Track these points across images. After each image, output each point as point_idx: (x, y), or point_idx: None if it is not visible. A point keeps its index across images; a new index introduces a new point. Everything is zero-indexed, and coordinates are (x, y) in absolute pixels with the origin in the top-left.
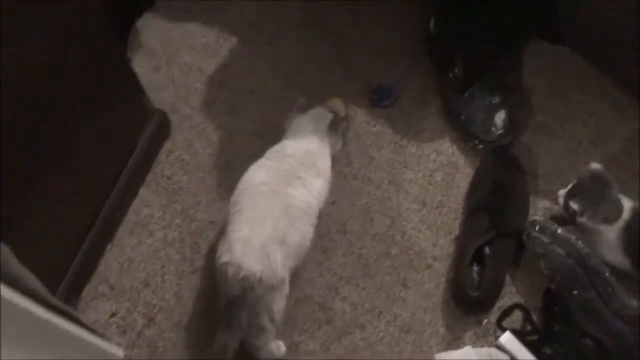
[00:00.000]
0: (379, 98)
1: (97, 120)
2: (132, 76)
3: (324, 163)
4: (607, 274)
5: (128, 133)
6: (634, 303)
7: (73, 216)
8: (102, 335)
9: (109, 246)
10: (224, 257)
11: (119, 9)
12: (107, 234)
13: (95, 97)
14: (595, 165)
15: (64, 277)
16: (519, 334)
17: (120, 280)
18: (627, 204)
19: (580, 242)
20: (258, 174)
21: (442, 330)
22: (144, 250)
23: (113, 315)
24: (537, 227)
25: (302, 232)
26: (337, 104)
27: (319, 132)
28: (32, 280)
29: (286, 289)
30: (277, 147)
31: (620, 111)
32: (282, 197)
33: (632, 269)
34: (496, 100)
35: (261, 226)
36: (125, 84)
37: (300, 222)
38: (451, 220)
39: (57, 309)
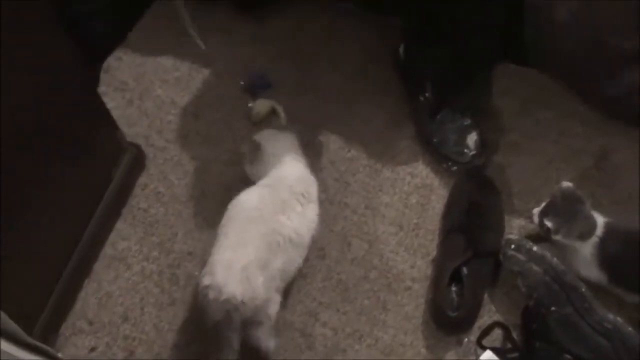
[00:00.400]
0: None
1: (71, 157)
2: (104, 111)
3: (315, 187)
4: (583, 290)
5: (102, 168)
6: (611, 317)
7: (49, 252)
8: None
9: (86, 281)
10: (205, 280)
11: (90, 44)
12: (84, 269)
13: (67, 134)
14: (566, 184)
15: (41, 314)
16: (499, 352)
17: (98, 315)
18: (600, 220)
19: (555, 259)
20: (251, 198)
21: (423, 351)
22: (122, 284)
23: (92, 350)
24: (512, 246)
25: (286, 260)
26: (262, 105)
27: (299, 156)
28: (6, 320)
29: (275, 304)
30: (272, 176)
31: (588, 127)
32: (270, 224)
33: (608, 284)
34: (467, 122)
35: (244, 250)
36: (97, 119)
37: (285, 251)
38: (428, 241)
39: (34, 349)
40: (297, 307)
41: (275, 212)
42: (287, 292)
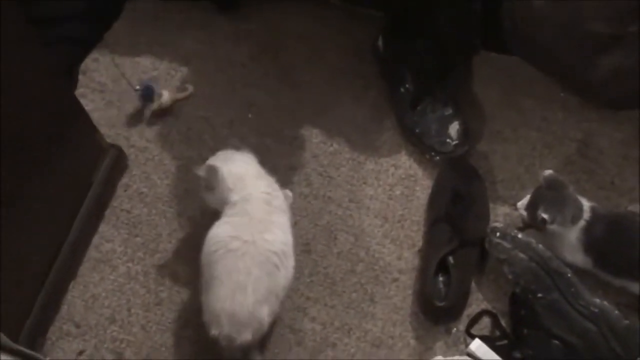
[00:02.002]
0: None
1: (50, 160)
2: (82, 114)
3: (282, 199)
4: (569, 275)
5: (83, 170)
6: (598, 301)
7: (32, 257)
8: None
9: (71, 284)
10: (213, 330)
11: (66, 46)
12: (69, 272)
13: (46, 138)
14: (547, 172)
15: (26, 319)
16: (488, 340)
17: (85, 317)
18: (585, 204)
19: (540, 245)
20: (224, 229)
21: (412, 342)
22: (108, 286)
23: (81, 353)
24: (497, 234)
25: (286, 275)
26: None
27: (258, 171)
28: None
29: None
30: (237, 201)
31: (570, 113)
32: (257, 248)
33: (593, 268)
34: (449, 111)
35: (243, 294)
36: (76, 122)
37: (282, 266)
38: (414, 232)
39: (20, 354)
40: (285, 303)
41: (260, 232)
42: None
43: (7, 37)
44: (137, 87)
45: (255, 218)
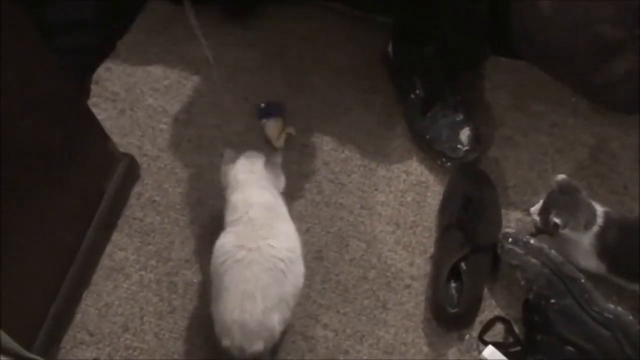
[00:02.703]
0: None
1: (63, 170)
2: (95, 123)
3: (284, 208)
4: (582, 280)
5: (96, 179)
6: (611, 307)
7: (46, 266)
8: None
9: (85, 293)
10: (224, 341)
11: (79, 55)
12: (83, 281)
13: (59, 147)
14: (560, 176)
15: (40, 328)
16: (501, 347)
17: (99, 326)
18: (599, 209)
19: (553, 251)
20: (229, 240)
21: (425, 349)
22: (121, 294)
23: None
24: (509, 239)
25: (294, 282)
26: (273, 128)
27: (263, 179)
28: (4, 338)
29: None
30: (234, 213)
31: (581, 118)
32: (263, 254)
33: (607, 274)
34: (459, 117)
35: (252, 303)
36: (88, 131)
37: (290, 272)
38: (426, 239)
39: None
40: (297, 310)
41: (264, 239)
42: None
43: (19, 47)
44: (262, 105)
45: (258, 224)
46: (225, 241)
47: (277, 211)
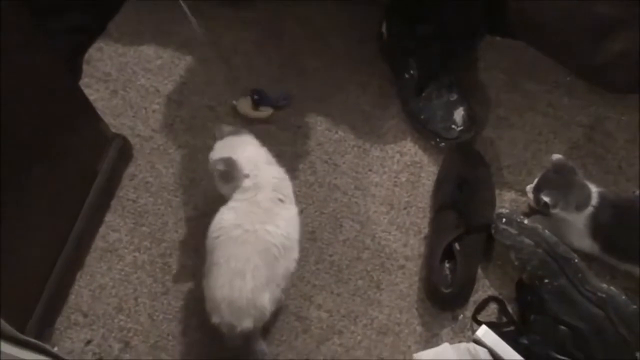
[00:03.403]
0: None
1: (55, 151)
2: (87, 103)
3: (290, 188)
4: (576, 260)
5: (88, 160)
6: (604, 286)
7: (39, 247)
8: None
9: (79, 274)
10: (214, 318)
11: (70, 35)
12: (76, 262)
13: (51, 129)
14: (557, 156)
15: (34, 310)
16: (495, 327)
17: (93, 307)
18: (593, 190)
19: (547, 231)
20: (228, 216)
21: (419, 329)
22: (114, 276)
23: (88, 342)
24: (503, 220)
25: (285, 265)
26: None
27: (264, 154)
28: None
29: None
30: (245, 191)
31: (576, 98)
32: (261, 238)
33: (601, 254)
34: (454, 97)
35: (241, 280)
36: (80, 112)
37: (282, 257)
38: (420, 219)
39: (28, 345)
40: (291, 291)
41: (262, 223)
42: None
43: (10, 28)
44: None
45: (262, 207)
46: (224, 217)
47: (283, 190)
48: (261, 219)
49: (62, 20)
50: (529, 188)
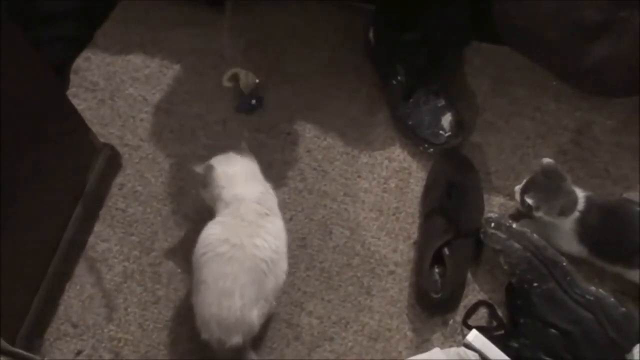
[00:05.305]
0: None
1: (43, 161)
2: (74, 113)
3: (275, 202)
4: (564, 264)
5: (77, 170)
6: (593, 289)
7: (27, 258)
8: None
9: (68, 285)
10: (203, 334)
11: (58, 45)
12: (65, 273)
13: (39, 139)
14: (547, 160)
15: (23, 321)
16: (485, 331)
17: (82, 317)
18: (580, 194)
19: (535, 235)
20: (215, 231)
21: (409, 334)
22: (104, 286)
23: (79, 353)
24: (492, 224)
25: (274, 280)
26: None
27: (251, 170)
28: None
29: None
30: (230, 202)
31: (563, 103)
32: (246, 253)
33: (589, 257)
34: (441, 103)
35: (229, 300)
36: (68, 122)
37: (270, 273)
38: (409, 225)
39: (18, 357)
40: (282, 298)
41: (249, 236)
42: None
43: None
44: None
45: (246, 220)
46: (210, 232)
47: (267, 204)
48: (248, 232)
49: (49, 30)
50: (517, 189)
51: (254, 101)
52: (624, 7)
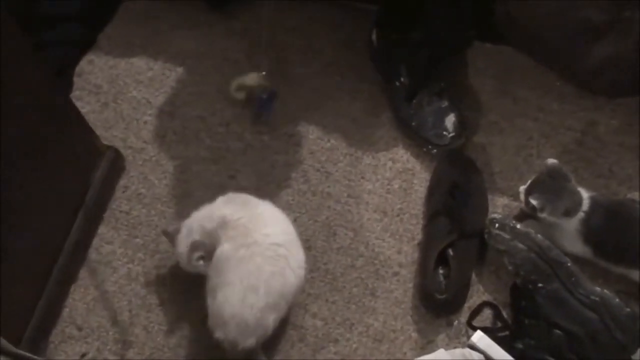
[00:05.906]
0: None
1: (47, 164)
2: (78, 116)
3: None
4: (569, 264)
5: (81, 173)
6: (598, 290)
7: (32, 261)
8: None
9: (72, 287)
10: (217, 333)
11: (61, 48)
12: (70, 275)
13: (42, 142)
14: (551, 161)
15: (28, 324)
16: (490, 332)
17: (87, 320)
18: (585, 195)
19: (539, 235)
20: (227, 246)
21: (414, 335)
22: (109, 288)
23: (83, 356)
24: (496, 225)
25: (296, 268)
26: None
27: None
28: None
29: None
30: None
31: (566, 103)
32: (260, 245)
33: (594, 257)
34: (444, 104)
35: (254, 296)
36: (72, 125)
37: (291, 256)
38: (413, 226)
39: (22, 359)
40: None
41: (257, 230)
42: None
43: (1, 42)
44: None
45: (242, 223)
46: (224, 248)
47: (251, 201)
48: (253, 228)
49: (53, 33)
50: (522, 189)
51: (265, 95)
52: (627, 7)
